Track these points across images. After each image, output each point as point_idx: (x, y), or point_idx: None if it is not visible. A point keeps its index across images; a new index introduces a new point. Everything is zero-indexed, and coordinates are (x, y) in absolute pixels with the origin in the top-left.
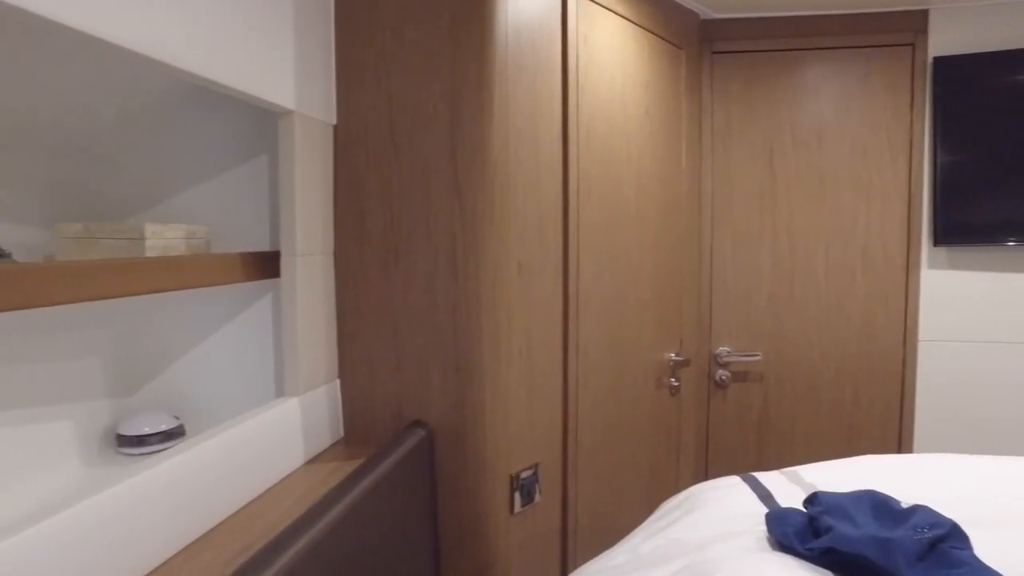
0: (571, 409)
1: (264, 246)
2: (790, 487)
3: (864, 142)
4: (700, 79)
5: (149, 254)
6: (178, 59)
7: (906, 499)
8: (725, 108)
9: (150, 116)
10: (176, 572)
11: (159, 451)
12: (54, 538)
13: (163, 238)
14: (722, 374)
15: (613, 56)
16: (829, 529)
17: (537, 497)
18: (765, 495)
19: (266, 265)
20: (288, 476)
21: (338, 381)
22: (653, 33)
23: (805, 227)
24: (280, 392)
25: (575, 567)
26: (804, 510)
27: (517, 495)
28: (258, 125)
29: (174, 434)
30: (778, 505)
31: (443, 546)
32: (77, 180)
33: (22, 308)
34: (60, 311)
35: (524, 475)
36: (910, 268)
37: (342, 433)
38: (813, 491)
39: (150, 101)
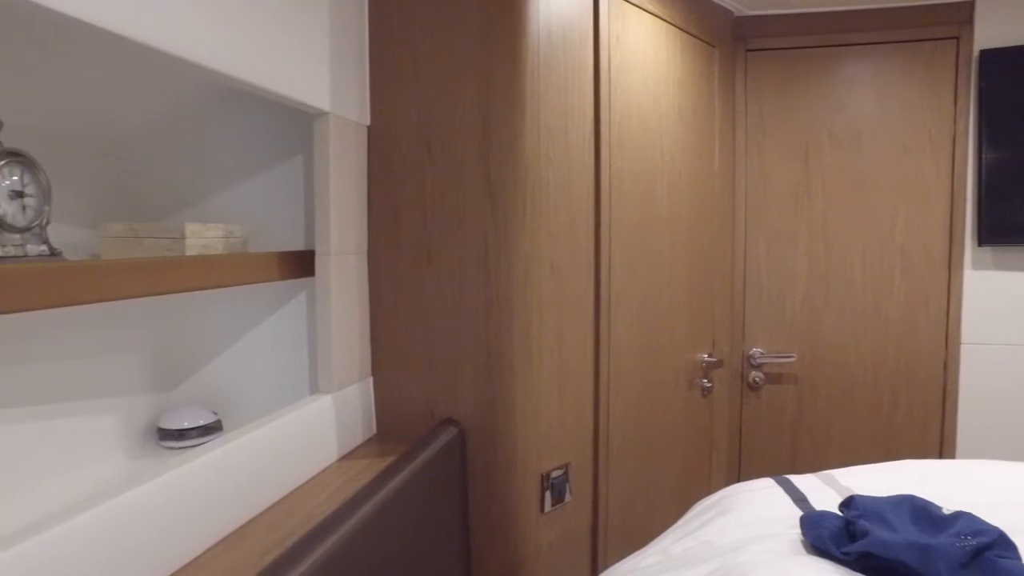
0: (602, 409)
1: (299, 245)
2: (825, 490)
3: (904, 140)
4: (734, 77)
5: (189, 253)
6: (216, 62)
7: (948, 505)
8: (759, 106)
9: (189, 119)
10: (213, 563)
11: (198, 445)
12: (99, 527)
13: (202, 237)
14: (755, 375)
15: (645, 55)
16: (866, 533)
17: (568, 496)
18: (799, 498)
19: (301, 264)
20: (322, 472)
21: (371, 379)
22: (686, 31)
23: (842, 227)
24: (314, 389)
25: (605, 567)
26: (840, 514)
27: (548, 494)
28: (294, 126)
29: (212, 429)
30: (813, 508)
31: (474, 543)
32: (121, 182)
33: (71, 304)
34: (104, 308)
35: (555, 474)
36: (952, 268)
37: (375, 430)
38: (849, 495)
39: (189, 104)
